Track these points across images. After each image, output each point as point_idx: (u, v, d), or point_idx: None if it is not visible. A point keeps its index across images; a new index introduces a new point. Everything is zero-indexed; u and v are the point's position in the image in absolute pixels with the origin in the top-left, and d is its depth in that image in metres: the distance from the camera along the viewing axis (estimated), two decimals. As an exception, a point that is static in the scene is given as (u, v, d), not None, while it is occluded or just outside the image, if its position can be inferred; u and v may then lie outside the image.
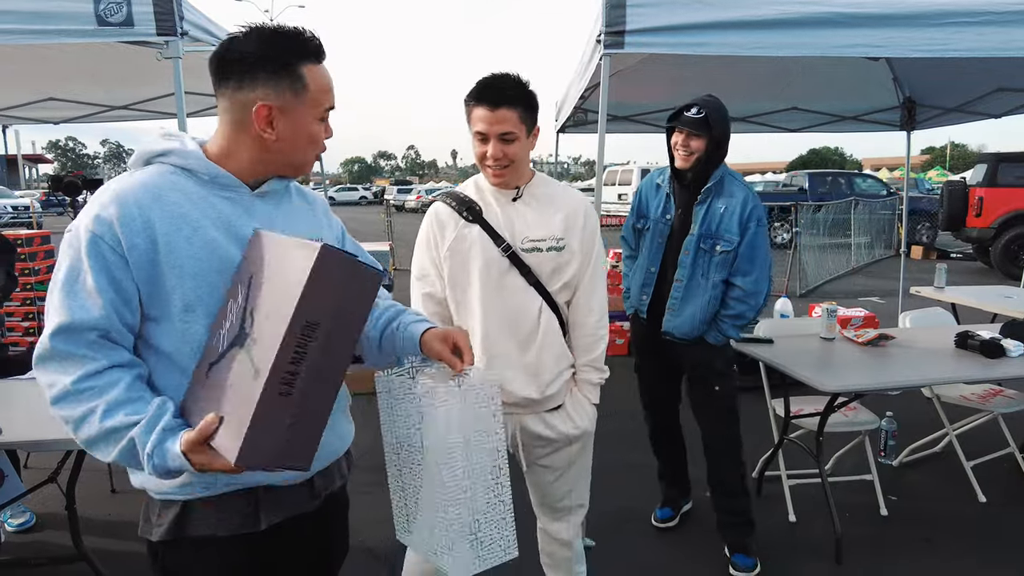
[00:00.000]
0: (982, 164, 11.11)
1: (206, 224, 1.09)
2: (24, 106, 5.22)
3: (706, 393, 2.63)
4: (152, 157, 1.13)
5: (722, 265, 2.47)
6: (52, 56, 3.83)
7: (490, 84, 1.63)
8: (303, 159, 1.17)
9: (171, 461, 0.99)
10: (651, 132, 5.95)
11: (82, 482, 2.33)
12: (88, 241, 1.03)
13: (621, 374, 5.35)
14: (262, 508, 1.16)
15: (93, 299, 1.02)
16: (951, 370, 2.85)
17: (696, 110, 2.41)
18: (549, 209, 1.76)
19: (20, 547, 2.76)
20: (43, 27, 2.31)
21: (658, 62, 3.94)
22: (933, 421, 3.45)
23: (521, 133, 1.65)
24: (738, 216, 2.44)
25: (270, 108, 1.08)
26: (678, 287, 2.56)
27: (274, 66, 1.08)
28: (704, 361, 2.61)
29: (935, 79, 4.71)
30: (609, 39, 2.48)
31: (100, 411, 1.01)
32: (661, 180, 2.67)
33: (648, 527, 2.93)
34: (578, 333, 1.84)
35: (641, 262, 2.70)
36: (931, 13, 2.43)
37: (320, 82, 1.13)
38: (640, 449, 3.66)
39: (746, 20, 2.46)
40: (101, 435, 1.02)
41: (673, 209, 2.58)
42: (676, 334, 2.59)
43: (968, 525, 2.95)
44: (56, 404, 1.03)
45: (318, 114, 1.14)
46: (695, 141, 2.43)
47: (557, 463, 1.87)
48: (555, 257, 1.74)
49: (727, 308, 2.52)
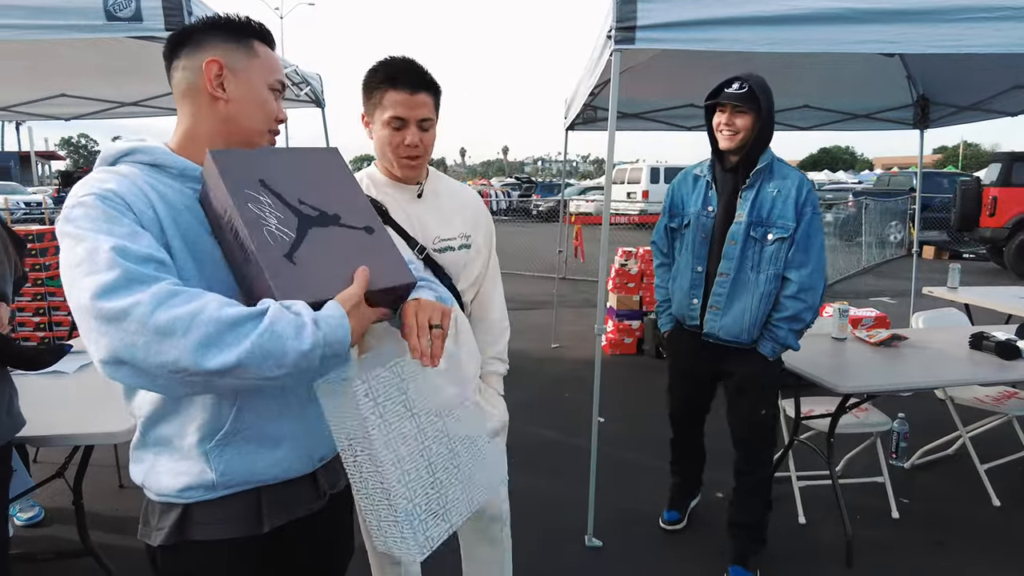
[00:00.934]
0: (996, 163, 10.98)
1: (187, 213, 1.07)
2: (36, 102, 5.25)
3: (748, 413, 2.39)
4: (117, 157, 1.10)
5: (775, 256, 2.23)
6: (63, 52, 3.84)
7: (406, 68, 1.54)
8: (255, 126, 1.15)
9: (339, 326, 0.92)
10: (661, 130, 5.92)
11: (89, 477, 2.34)
12: (99, 199, 0.95)
13: (631, 375, 5.36)
14: (265, 510, 1.13)
15: (134, 234, 0.94)
16: (966, 372, 2.82)
17: (739, 84, 2.21)
18: (454, 205, 1.72)
19: (29, 541, 2.77)
20: (52, 22, 2.31)
21: (669, 58, 3.91)
22: (946, 423, 3.40)
23: (435, 121, 1.59)
24: (793, 200, 2.21)
25: (220, 64, 1.10)
26: (723, 282, 2.30)
27: (227, 33, 1.12)
28: (750, 376, 2.36)
29: (950, 76, 4.65)
30: (620, 35, 2.46)
31: (213, 305, 0.87)
32: (700, 171, 2.45)
33: (655, 529, 2.90)
34: (483, 328, 1.82)
35: (683, 264, 2.45)
36: (947, 8, 2.38)
37: (270, 57, 1.16)
38: (649, 450, 3.65)
39: (758, 16, 2.42)
40: (219, 328, 0.85)
41: (716, 199, 2.35)
42: (722, 335, 2.34)
43: (981, 529, 2.91)
44: (153, 314, 0.84)
45: (269, 82, 1.15)
46: (741, 118, 2.23)
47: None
48: (465, 255, 1.71)
49: (781, 309, 2.26)
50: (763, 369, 2.33)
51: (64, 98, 5.15)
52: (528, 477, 3.28)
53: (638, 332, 5.84)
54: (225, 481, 1.08)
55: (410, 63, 1.55)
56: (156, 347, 0.84)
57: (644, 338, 5.79)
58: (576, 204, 17.66)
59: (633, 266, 5.93)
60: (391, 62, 1.55)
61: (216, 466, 1.07)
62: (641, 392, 4.82)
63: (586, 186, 24.06)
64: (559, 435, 3.91)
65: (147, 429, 1.10)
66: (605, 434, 3.12)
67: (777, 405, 2.41)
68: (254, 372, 0.87)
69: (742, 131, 2.23)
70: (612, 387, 4.30)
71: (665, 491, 2.97)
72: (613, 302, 5.92)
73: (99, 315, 0.85)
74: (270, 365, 0.87)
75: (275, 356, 0.87)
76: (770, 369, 2.34)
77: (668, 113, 5.66)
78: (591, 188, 22.62)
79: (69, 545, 2.57)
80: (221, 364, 0.85)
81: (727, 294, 2.30)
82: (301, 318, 0.90)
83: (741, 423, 2.42)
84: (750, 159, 2.26)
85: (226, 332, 0.86)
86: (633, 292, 5.90)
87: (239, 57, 1.12)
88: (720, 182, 2.35)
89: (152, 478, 1.10)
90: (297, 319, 0.90)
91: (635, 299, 5.88)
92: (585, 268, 10.13)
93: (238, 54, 1.12)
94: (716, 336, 2.35)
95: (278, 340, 0.87)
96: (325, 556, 1.30)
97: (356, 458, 1.03)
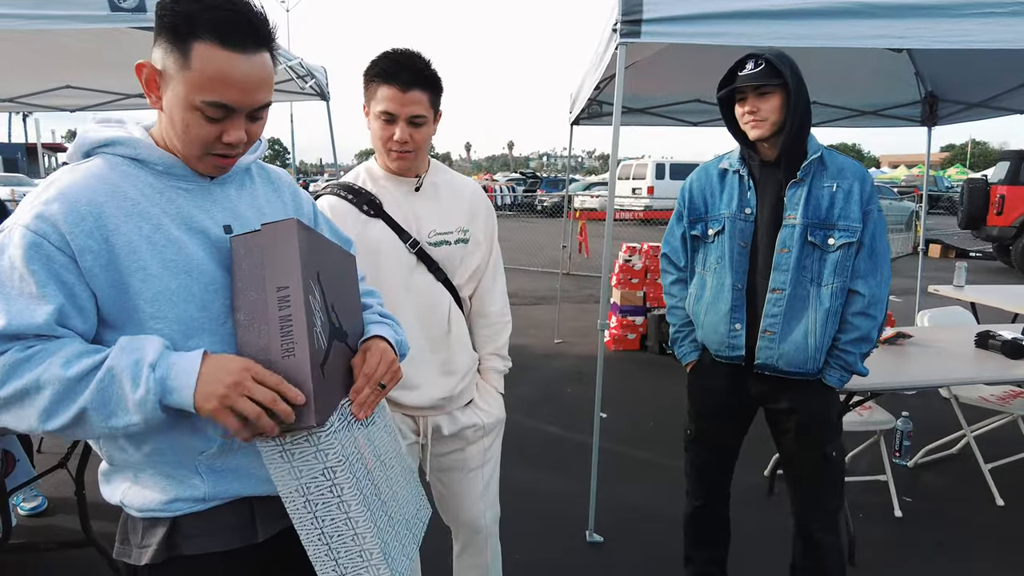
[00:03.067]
0: (1004, 161, 10.91)
1: (166, 222, 0.97)
2: (41, 93, 5.26)
3: (816, 456, 1.97)
4: (94, 147, 1.00)
5: (841, 265, 1.85)
6: (68, 43, 3.85)
7: (402, 62, 1.50)
8: (182, 148, 1.00)
9: (179, 374, 0.88)
10: (667, 125, 5.89)
11: (92, 468, 2.33)
12: (29, 243, 0.88)
13: (634, 371, 5.35)
14: (258, 519, 1.08)
15: (37, 304, 0.88)
16: (971, 370, 2.80)
17: (754, 62, 1.83)
18: (453, 199, 1.69)
19: (32, 531, 2.78)
20: (56, 12, 2.31)
21: (674, 53, 3.88)
22: (950, 422, 3.39)
23: (430, 117, 1.56)
24: (858, 197, 1.84)
25: (151, 68, 0.96)
26: (777, 300, 1.87)
27: (166, 28, 0.93)
28: (816, 414, 1.95)
29: (958, 73, 4.61)
30: (625, 28, 2.44)
31: (58, 364, 0.87)
32: (727, 164, 2.00)
33: (656, 524, 2.90)
34: (482, 323, 1.79)
35: (715, 282, 1.98)
36: (955, 3, 2.36)
37: (210, 69, 0.92)
38: (650, 447, 3.64)
39: (765, 10, 2.40)
40: (64, 387, 0.86)
41: (755, 200, 1.93)
42: (782, 366, 1.89)
43: (985, 529, 2.89)
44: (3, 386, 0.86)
45: (192, 101, 0.94)
46: (765, 101, 1.83)
47: (472, 461, 1.79)
48: (462, 249, 1.68)
49: (849, 330, 1.88)
50: (829, 404, 1.97)
51: (69, 89, 5.16)
52: (530, 472, 3.28)
53: (641, 328, 5.83)
54: (217, 492, 1.03)
55: (408, 58, 1.52)
56: (6, 415, 0.89)
57: (647, 334, 5.78)
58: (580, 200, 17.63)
59: (637, 262, 5.92)
60: (389, 55, 1.53)
61: (207, 478, 1.02)
62: (644, 388, 4.82)
63: (591, 181, 24.02)
64: (561, 430, 3.90)
65: (119, 456, 1.03)
66: (607, 430, 3.11)
67: (841, 443, 2.01)
68: (99, 423, 0.89)
69: (771, 115, 1.83)
70: (614, 383, 4.30)
71: (669, 488, 2.94)
72: (617, 298, 5.91)
73: None
74: (106, 415, 0.88)
75: (108, 410, 0.88)
76: (835, 402, 2.00)
77: (674, 108, 5.63)
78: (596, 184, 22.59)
79: (71, 535, 2.58)
80: (57, 424, 0.88)
81: (783, 314, 1.87)
82: (147, 361, 0.89)
83: (807, 470, 2.00)
84: (795, 147, 1.86)
85: (63, 395, 0.87)
86: (637, 288, 5.88)
87: (171, 61, 0.94)
88: (761, 178, 1.93)
89: (133, 495, 1.03)
90: (136, 366, 0.88)
91: (639, 295, 5.87)
92: (589, 264, 10.11)
93: (171, 58, 0.94)
94: (774, 367, 1.91)
95: (112, 395, 0.88)
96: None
97: (315, 510, 1.00)
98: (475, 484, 1.81)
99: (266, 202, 1.15)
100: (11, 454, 2.51)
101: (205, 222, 1.02)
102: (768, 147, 1.90)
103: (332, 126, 5.51)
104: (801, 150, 1.87)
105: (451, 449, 1.77)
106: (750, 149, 1.94)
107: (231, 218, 1.05)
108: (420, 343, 1.62)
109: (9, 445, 2.51)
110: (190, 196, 1.02)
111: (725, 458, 2.15)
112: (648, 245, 6.05)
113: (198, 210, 1.02)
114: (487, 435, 1.80)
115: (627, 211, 16.12)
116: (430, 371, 1.66)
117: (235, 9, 0.94)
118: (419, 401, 1.67)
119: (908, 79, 4.91)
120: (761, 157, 1.93)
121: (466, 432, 1.76)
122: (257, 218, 1.09)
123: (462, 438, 1.76)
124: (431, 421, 1.72)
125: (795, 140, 1.85)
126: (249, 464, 1.05)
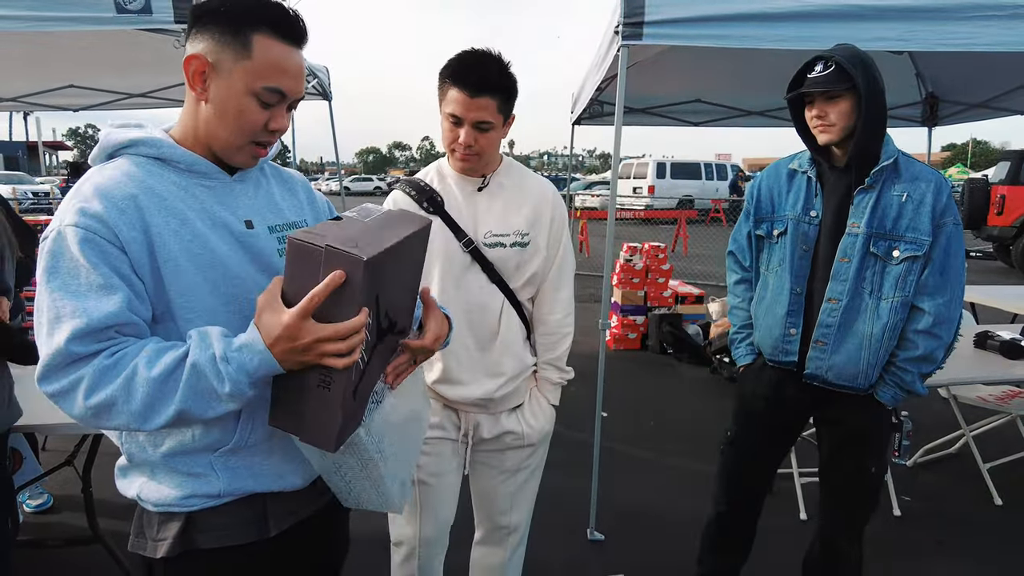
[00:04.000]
0: (1005, 161, 10.92)
1: (192, 217, 1.01)
2: (45, 93, 5.29)
3: (855, 470, 1.93)
4: (118, 149, 1.04)
5: (903, 279, 1.76)
6: (72, 44, 3.87)
7: (472, 66, 1.49)
8: (228, 137, 1.03)
9: (253, 357, 0.91)
10: (668, 125, 5.91)
11: (98, 466, 2.36)
12: (82, 239, 0.92)
13: (635, 370, 5.36)
14: (271, 513, 1.10)
15: (107, 294, 0.92)
16: (969, 370, 2.82)
17: (823, 65, 1.75)
18: (516, 201, 1.66)
19: (39, 528, 2.81)
20: (62, 14, 2.33)
21: (676, 54, 3.90)
22: (949, 422, 3.40)
23: (498, 123, 1.55)
24: (930, 208, 1.73)
25: (203, 61, 0.99)
26: (832, 310, 1.81)
27: (224, 21, 0.99)
28: (863, 428, 1.90)
29: (959, 74, 4.62)
30: (627, 30, 2.45)
31: (143, 364, 0.90)
32: (797, 164, 1.94)
33: (657, 522, 2.92)
34: (541, 331, 1.75)
35: (776, 284, 1.92)
36: (956, 6, 2.37)
37: (271, 57, 0.99)
38: (651, 446, 3.66)
39: (767, 12, 2.41)
40: (153, 388, 0.90)
41: (821, 203, 1.85)
42: (831, 378, 1.85)
43: (983, 528, 2.91)
44: (88, 397, 0.90)
45: (253, 87, 1.00)
46: (834, 107, 1.75)
47: (508, 464, 1.79)
48: (519, 253, 1.64)
49: (909, 347, 1.79)
50: (878, 419, 1.89)
51: (73, 89, 5.18)
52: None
53: (642, 328, 5.85)
54: (232, 489, 1.06)
55: (480, 61, 1.51)
56: (101, 420, 0.93)
57: (648, 334, 5.80)
58: (581, 199, 17.63)
59: (638, 261, 5.93)
60: (463, 57, 1.52)
61: (222, 475, 1.05)
62: (645, 388, 4.83)
63: (592, 180, 24.01)
64: (562, 428, 3.87)
65: (139, 454, 1.06)
66: (608, 429, 3.13)
67: (886, 460, 1.97)
68: (199, 416, 0.93)
69: (840, 120, 1.75)
70: (615, 382, 4.31)
71: (668, 486, 2.95)
72: (618, 297, 5.93)
73: (46, 394, 0.93)
74: (202, 408, 0.93)
75: (203, 404, 0.92)
76: (886, 419, 1.92)
77: (675, 108, 5.65)
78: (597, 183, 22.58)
79: (78, 532, 2.60)
80: (159, 422, 0.92)
81: (838, 325, 1.80)
82: (218, 356, 0.92)
83: (843, 481, 1.96)
84: (868, 152, 1.77)
85: (156, 396, 0.90)
86: (638, 288, 5.90)
87: (227, 54, 0.99)
88: (830, 182, 1.85)
89: (150, 490, 1.06)
90: (211, 362, 0.91)
91: (639, 295, 5.89)
92: (590, 263, 10.13)
93: (227, 50, 0.99)
94: (823, 379, 1.86)
95: (203, 390, 0.92)
96: (325, 552, 1.29)
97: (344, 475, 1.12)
98: (506, 486, 1.81)
99: (282, 199, 1.18)
100: (19, 452, 2.52)
101: (227, 217, 1.05)
102: (839, 151, 1.82)
103: (334, 125, 5.53)
104: (874, 154, 1.77)
105: (490, 449, 1.77)
106: (819, 153, 1.87)
107: (252, 213, 1.09)
108: (467, 342, 1.64)
109: (16, 443, 2.52)
110: (212, 193, 1.06)
111: (761, 466, 2.10)
112: (649, 244, 6.06)
113: (220, 206, 1.06)
114: (526, 446, 1.77)
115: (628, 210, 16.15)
116: (476, 370, 1.65)
117: (284, 9, 1.02)
118: (460, 396, 1.68)
119: (909, 80, 4.93)
120: (831, 161, 1.85)
121: (505, 438, 1.75)
122: (276, 215, 1.13)
123: (501, 442, 1.76)
124: (472, 419, 1.72)
125: (867, 145, 1.76)
126: (262, 462, 1.08)
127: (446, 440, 1.73)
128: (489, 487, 1.82)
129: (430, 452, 1.71)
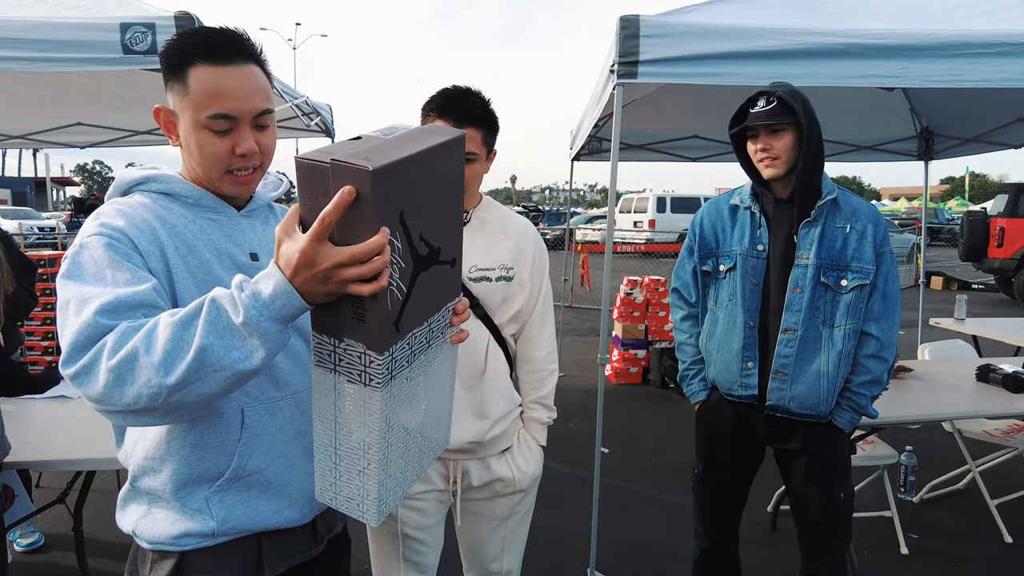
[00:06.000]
0: (1003, 194, 11.00)
1: (199, 246, 1.05)
2: (53, 130, 5.38)
3: (824, 498, 1.95)
4: (131, 186, 1.09)
5: (854, 306, 1.85)
6: (80, 82, 3.95)
7: (457, 100, 1.52)
8: (203, 172, 1.07)
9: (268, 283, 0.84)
10: (666, 161, 5.97)
11: (90, 503, 2.34)
12: (107, 243, 0.95)
13: (636, 405, 5.31)
14: (265, 556, 1.10)
15: (137, 282, 0.93)
16: (973, 404, 2.79)
17: (765, 100, 1.83)
18: (499, 235, 1.65)
19: (28, 568, 2.76)
20: (71, 55, 2.38)
21: (673, 91, 3.97)
22: (955, 456, 3.36)
23: (482, 155, 1.55)
24: (871, 238, 1.85)
25: (167, 111, 1.06)
26: (789, 340, 1.86)
27: (166, 69, 1.03)
28: (826, 455, 1.94)
29: (952, 109, 4.70)
30: (623, 69, 2.50)
31: (164, 316, 0.86)
32: (738, 200, 2.00)
33: (658, 561, 2.86)
34: (526, 368, 1.71)
35: (727, 319, 1.97)
36: (946, 44, 2.42)
37: (204, 86, 1.00)
38: (653, 482, 3.61)
39: (760, 50, 2.46)
40: (174, 331, 0.84)
41: (767, 236, 1.92)
42: (794, 408, 1.89)
43: (993, 566, 2.85)
44: (111, 357, 0.84)
45: (198, 120, 1.01)
46: (778, 139, 1.82)
47: (498, 511, 1.73)
48: (504, 287, 1.62)
49: (861, 372, 1.88)
50: (839, 445, 1.95)
51: (80, 127, 5.27)
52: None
53: (643, 361, 5.81)
54: (226, 528, 1.05)
55: (464, 95, 1.53)
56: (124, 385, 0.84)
57: (649, 367, 5.76)
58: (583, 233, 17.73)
59: (639, 295, 5.94)
60: (446, 92, 1.55)
61: (217, 513, 1.04)
62: (646, 423, 4.78)
63: (593, 215, 24.18)
64: (562, 465, 3.87)
65: (140, 477, 1.07)
66: (609, 465, 3.09)
67: (851, 485, 2.02)
68: (223, 357, 0.84)
69: (784, 153, 1.83)
70: (616, 417, 4.27)
71: (670, 523, 2.91)
72: (618, 331, 5.91)
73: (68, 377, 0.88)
74: (223, 347, 0.84)
75: (224, 342, 0.84)
76: (845, 443, 1.98)
77: (672, 144, 5.72)
78: (597, 217, 22.74)
79: (68, 572, 2.56)
80: (187, 362, 0.83)
81: (795, 355, 1.86)
82: (242, 293, 0.85)
83: (818, 511, 1.98)
84: (809, 185, 1.85)
85: (176, 342, 0.83)
86: (638, 321, 5.89)
87: (176, 96, 1.03)
88: (774, 216, 1.92)
89: (145, 525, 1.06)
90: (236, 295, 0.85)
91: (640, 328, 5.87)
92: (591, 296, 10.13)
93: (176, 93, 1.03)
94: (786, 409, 1.90)
95: (223, 325, 0.84)
96: None
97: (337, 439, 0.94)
98: (496, 533, 1.75)
99: None
100: (10, 488, 2.49)
101: (232, 249, 1.09)
102: (781, 185, 1.90)
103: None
104: (815, 188, 1.87)
105: (479, 497, 1.71)
106: (763, 186, 1.94)
107: (258, 247, 1.13)
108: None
109: (9, 479, 2.50)
110: (219, 226, 1.10)
111: (732, 499, 2.12)
112: (649, 278, 6.08)
113: (226, 239, 1.10)
114: (516, 492, 1.73)
115: (628, 244, 16.21)
116: (461, 412, 1.56)
117: (216, 30, 1.04)
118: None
119: (903, 115, 5.00)
120: (774, 195, 1.92)
121: (495, 485, 1.69)
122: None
123: (491, 489, 1.70)
124: (460, 466, 1.66)
125: (809, 178, 1.85)
126: (258, 496, 1.08)
127: (432, 492, 1.66)
128: (479, 535, 1.76)
129: (415, 507, 1.64)
